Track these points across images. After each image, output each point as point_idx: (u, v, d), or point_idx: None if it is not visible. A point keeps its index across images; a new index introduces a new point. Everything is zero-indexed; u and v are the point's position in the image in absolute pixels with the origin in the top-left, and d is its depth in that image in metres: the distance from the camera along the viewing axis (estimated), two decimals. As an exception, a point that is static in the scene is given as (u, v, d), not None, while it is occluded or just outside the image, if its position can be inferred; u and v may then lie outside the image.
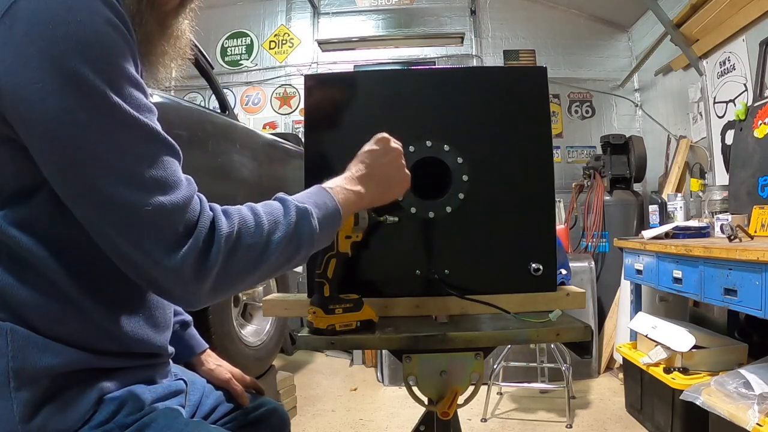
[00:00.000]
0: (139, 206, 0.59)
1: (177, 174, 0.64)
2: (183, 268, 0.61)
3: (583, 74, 4.81)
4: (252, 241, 0.67)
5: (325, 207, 0.77)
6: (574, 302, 1.05)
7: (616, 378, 3.12)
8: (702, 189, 3.17)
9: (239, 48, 5.02)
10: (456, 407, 0.96)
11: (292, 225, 0.71)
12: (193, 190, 0.65)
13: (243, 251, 0.66)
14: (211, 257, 0.62)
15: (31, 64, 0.55)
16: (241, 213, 0.68)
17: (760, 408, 1.54)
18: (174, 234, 0.61)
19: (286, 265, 0.73)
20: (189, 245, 0.61)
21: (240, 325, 2.34)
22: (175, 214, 0.61)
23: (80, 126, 0.57)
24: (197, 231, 0.62)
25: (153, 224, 0.60)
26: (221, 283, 0.65)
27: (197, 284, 0.62)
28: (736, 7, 3.05)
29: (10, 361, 0.60)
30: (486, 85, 1.06)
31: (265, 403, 1.01)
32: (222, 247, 0.63)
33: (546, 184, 1.05)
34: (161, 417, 0.71)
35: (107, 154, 0.58)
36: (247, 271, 0.67)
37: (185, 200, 0.62)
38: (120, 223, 0.60)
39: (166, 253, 0.60)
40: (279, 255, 0.70)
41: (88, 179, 0.58)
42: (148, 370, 0.76)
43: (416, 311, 1.03)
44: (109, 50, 0.59)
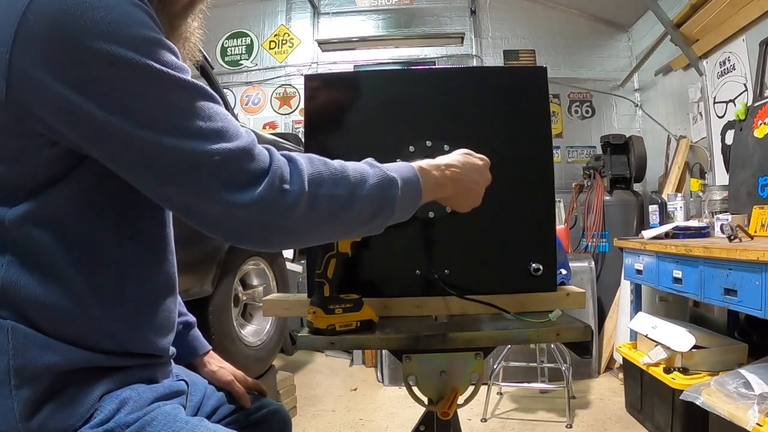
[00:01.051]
0: (209, 155, 0.60)
1: (233, 124, 0.64)
2: (268, 197, 0.61)
3: (583, 74, 4.81)
4: (336, 189, 0.67)
5: (410, 183, 0.77)
6: (574, 302, 1.05)
7: (616, 378, 3.12)
8: (702, 189, 3.17)
9: (239, 48, 5.02)
10: (456, 407, 0.96)
11: (377, 187, 0.71)
12: (252, 137, 0.65)
13: (325, 194, 0.66)
14: (291, 194, 0.63)
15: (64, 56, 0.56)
16: (326, 160, 0.69)
17: (760, 408, 1.53)
18: (250, 172, 0.62)
19: (363, 227, 0.73)
20: (266, 182, 0.62)
21: (240, 325, 2.34)
22: (243, 157, 0.62)
23: (134, 101, 0.58)
24: (272, 169, 0.63)
25: (225, 169, 0.60)
26: (303, 223, 0.65)
27: (288, 211, 0.63)
28: (736, 7, 3.05)
29: (11, 359, 0.60)
30: (486, 85, 1.06)
31: (267, 404, 1.01)
32: (304, 185, 0.64)
33: (546, 184, 1.05)
34: (162, 416, 0.71)
35: (167, 116, 0.59)
36: (328, 216, 0.67)
37: (250, 144, 0.63)
38: (193, 177, 0.60)
39: (249, 189, 0.61)
40: (360, 212, 0.70)
41: (154, 144, 0.59)
42: (149, 370, 0.76)
43: (416, 311, 1.03)
44: (140, 25, 0.59)
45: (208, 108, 0.63)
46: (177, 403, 0.78)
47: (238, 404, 0.96)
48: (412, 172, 0.78)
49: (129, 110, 0.58)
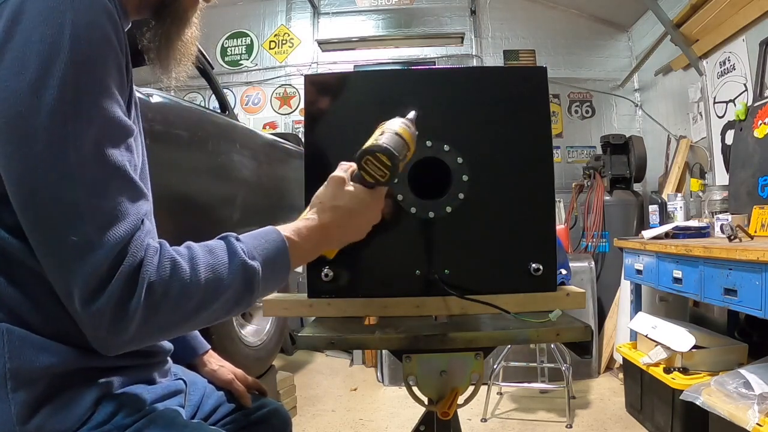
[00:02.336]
0: (66, 234, 0.56)
1: (122, 206, 0.59)
2: (99, 316, 0.57)
3: (583, 74, 4.81)
4: (182, 295, 0.60)
5: (277, 266, 0.70)
6: (574, 302, 1.05)
7: (616, 378, 3.12)
8: (702, 189, 3.17)
9: (239, 48, 5.02)
10: (456, 407, 0.96)
11: (235, 284, 0.65)
12: (134, 227, 0.59)
13: (170, 304, 0.60)
14: (130, 309, 0.57)
15: (5, 65, 0.55)
16: (176, 262, 0.61)
17: (760, 408, 1.53)
18: (95, 275, 0.56)
19: (219, 320, 0.68)
20: (108, 291, 0.56)
21: (240, 325, 2.34)
22: (101, 254, 0.56)
23: (35, 134, 0.55)
24: (118, 275, 0.56)
25: (76, 257, 0.56)
26: (143, 334, 0.60)
27: (112, 335, 0.58)
28: (736, 7, 3.05)
29: (6, 362, 0.60)
30: (486, 85, 1.06)
31: (267, 403, 1.01)
32: (143, 299, 0.57)
33: (546, 184, 1.05)
34: (160, 418, 0.70)
35: (50, 170, 0.55)
36: (175, 322, 0.62)
37: (120, 239, 0.57)
38: (46, 247, 0.57)
39: (84, 295, 0.56)
40: (212, 314, 0.65)
41: (27, 188, 0.56)
42: (147, 369, 0.76)
43: (416, 311, 1.03)
44: (85, 60, 0.56)
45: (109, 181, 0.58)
46: (175, 402, 0.78)
47: (237, 403, 0.97)
48: (281, 250, 0.70)
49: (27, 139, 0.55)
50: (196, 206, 1.84)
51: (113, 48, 0.60)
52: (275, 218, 2.68)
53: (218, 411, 0.93)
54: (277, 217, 2.51)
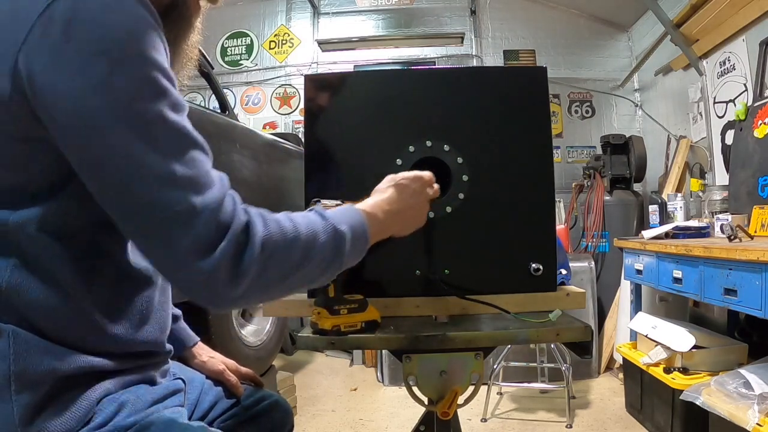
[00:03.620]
0: (170, 206, 0.58)
1: (209, 173, 0.63)
2: (216, 272, 0.59)
3: (583, 74, 4.80)
4: (287, 252, 0.66)
5: (360, 235, 0.76)
6: (574, 302, 1.05)
7: (616, 378, 3.12)
8: (702, 189, 3.17)
9: (239, 48, 5.02)
10: (456, 407, 0.96)
11: (328, 245, 0.70)
12: (225, 190, 0.64)
13: (277, 260, 0.65)
14: (245, 262, 0.61)
15: (67, 65, 0.56)
16: (280, 221, 0.67)
17: (760, 408, 1.53)
18: (206, 236, 0.59)
19: (312, 283, 0.74)
20: (222, 248, 0.60)
21: (240, 325, 2.34)
22: (207, 215, 0.60)
23: (112, 125, 0.57)
24: (230, 233, 0.61)
25: (184, 225, 0.59)
26: (252, 290, 0.64)
27: (229, 289, 0.61)
28: (736, 7, 3.05)
29: (11, 365, 0.60)
30: (486, 85, 1.06)
31: (266, 396, 1.01)
32: (257, 252, 0.62)
33: (546, 184, 1.05)
34: (161, 420, 0.70)
35: (138, 153, 0.58)
36: (278, 280, 0.66)
37: (217, 200, 0.61)
38: (150, 224, 0.59)
39: (199, 256, 0.59)
40: (309, 273, 0.69)
41: (119, 178, 0.58)
42: (148, 370, 0.76)
43: (416, 311, 1.03)
44: (144, 49, 0.59)
45: (184, 150, 0.61)
46: (175, 401, 0.78)
47: (236, 398, 0.96)
48: (361, 221, 0.78)
49: (104, 136, 0.57)
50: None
51: (161, 40, 0.62)
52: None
53: (217, 406, 0.93)
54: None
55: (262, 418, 0.97)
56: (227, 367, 1.00)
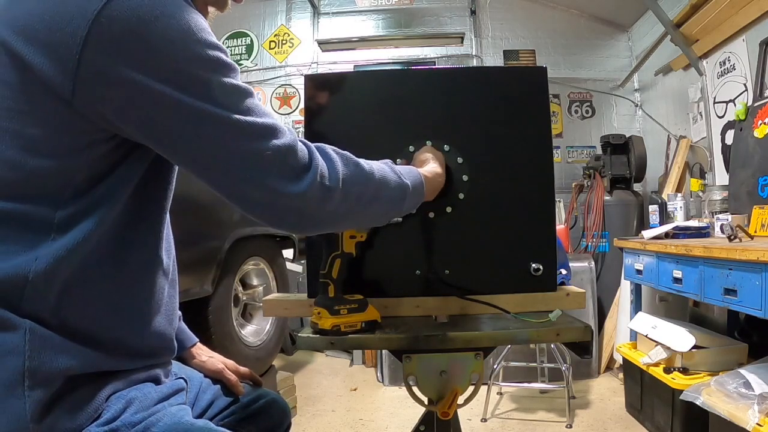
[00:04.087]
0: (262, 151, 0.68)
1: (279, 122, 0.72)
2: (311, 190, 0.70)
3: (583, 74, 4.80)
4: (364, 188, 0.79)
5: (417, 192, 0.90)
6: (574, 302, 1.05)
7: (616, 378, 3.12)
8: (702, 189, 3.17)
9: (239, 48, 5.02)
10: (456, 407, 0.96)
11: (395, 191, 0.84)
12: (294, 134, 0.73)
13: (356, 194, 0.77)
14: (330, 187, 0.73)
15: (140, 60, 0.60)
16: (358, 163, 0.80)
17: (760, 408, 1.53)
18: (296, 167, 0.70)
19: (375, 221, 0.87)
20: (310, 174, 0.71)
21: (240, 325, 2.34)
22: (291, 152, 0.70)
23: (195, 103, 0.63)
24: (314, 165, 0.72)
25: (276, 163, 0.68)
26: (338, 210, 0.75)
27: (321, 206, 0.73)
28: (736, 7, 3.05)
29: (26, 360, 0.61)
30: (486, 85, 1.06)
31: (264, 394, 1.02)
32: (340, 181, 0.74)
33: (546, 184, 1.05)
34: (167, 417, 0.71)
35: (224, 117, 0.65)
36: (353, 211, 0.79)
37: (294, 141, 0.71)
38: (247, 171, 0.67)
39: (292, 184, 0.69)
40: (377, 209, 0.83)
41: (212, 142, 0.65)
42: (155, 369, 0.77)
43: (416, 311, 1.03)
44: (202, 33, 0.64)
45: (257, 107, 0.70)
46: (180, 400, 0.79)
47: (234, 396, 0.97)
48: (420, 181, 0.91)
49: (189, 115, 0.64)
50: (196, 206, 1.84)
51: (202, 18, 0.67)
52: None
53: (214, 404, 0.94)
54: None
55: (259, 416, 0.98)
56: (227, 366, 1.01)
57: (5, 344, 0.61)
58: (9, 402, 0.59)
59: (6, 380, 0.60)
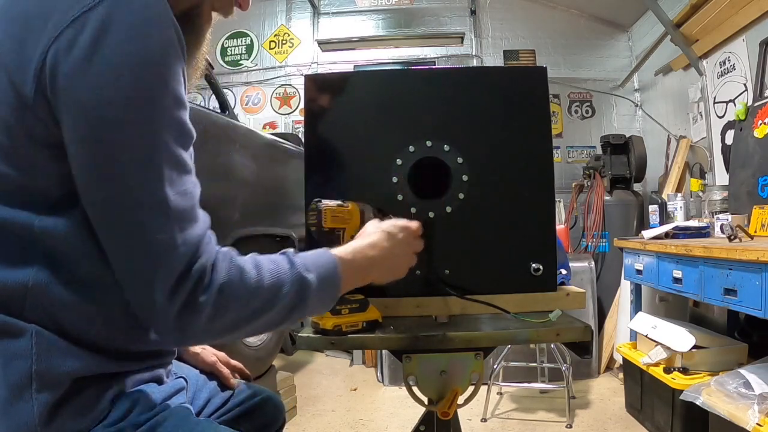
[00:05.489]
0: (154, 231, 0.59)
1: (195, 208, 0.64)
2: (170, 308, 0.60)
3: (583, 74, 4.80)
4: (246, 301, 0.65)
5: (329, 283, 0.75)
6: (574, 302, 1.05)
7: (616, 378, 3.12)
8: (702, 189, 3.17)
9: (239, 48, 5.02)
10: (456, 407, 0.96)
11: (291, 294, 0.69)
12: (205, 229, 0.65)
13: (233, 307, 0.64)
14: (200, 306, 0.61)
15: (92, 73, 0.57)
16: (243, 268, 0.66)
17: (760, 408, 1.53)
18: (174, 271, 0.60)
19: (271, 329, 0.73)
20: (182, 289, 0.60)
21: (240, 325, 2.33)
22: (183, 251, 0.61)
23: (122, 141, 0.58)
24: (194, 272, 0.61)
25: (159, 255, 0.60)
26: (204, 333, 0.64)
27: (179, 331, 0.62)
28: (736, 7, 3.05)
29: (33, 364, 0.61)
30: (486, 85, 1.06)
31: (259, 392, 1.02)
32: (212, 299, 0.62)
33: (546, 184, 1.05)
34: (173, 416, 0.72)
35: (139, 172, 0.59)
36: (232, 327, 0.66)
37: (196, 239, 0.62)
38: (130, 243, 0.60)
39: (161, 288, 0.60)
40: (268, 320, 0.69)
41: (115, 191, 0.59)
42: (157, 370, 0.78)
43: (416, 311, 1.03)
44: (167, 77, 0.60)
45: (183, 183, 0.62)
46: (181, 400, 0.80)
47: (230, 389, 0.98)
48: (333, 268, 0.75)
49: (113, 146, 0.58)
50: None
51: (182, 62, 0.64)
52: (275, 218, 2.69)
53: (211, 402, 0.95)
54: (277, 217, 2.51)
55: (254, 413, 0.99)
56: (218, 359, 1.01)
57: (12, 348, 0.61)
58: (17, 405, 0.60)
59: (14, 384, 0.60)
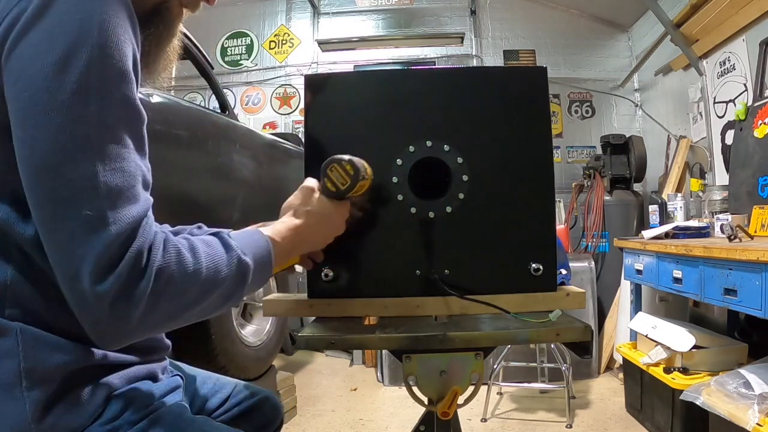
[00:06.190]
0: (81, 207, 0.55)
1: (133, 189, 0.59)
2: (104, 296, 0.55)
3: (583, 74, 4.81)
4: (184, 287, 0.61)
5: (264, 266, 0.73)
6: (574, 302, 1.05)
7: (616, 378, 3.12)
8: (702, 189, 3.17)
9: (239, 48, 5.02)
10: (456, 407, 0.96)
11: (230, 278, 0.67)
12: (145, 210, 0.60)
13: (171, 294, 0.60)
14: (137, 293, 0.57)
15: (32, 47, 0.56)
16: (180, 252, 0.61)
17: (760, 408, 1.54)
18: (105, 255, 0.55)
19: (209, 315, 0.70)
20: (115, 274, 0.55)
21: (240, 325, 2.34)
22: (113, 231, 0.56)
23: (54, 112, 0.55)
24: (128, 255, 0.56)
25: (88, 233, 0.55)
26: (141, 325, 0.59)
27: (112, 320, 0.57)
28: (736, 7, 3.05)
29: (21, 362, 0.60)
30: (486, 85, 1.06)
31: (257, 392, 1.02)
32: (150, 286, 0.57)
33: (546, 184, 1.05)
34: (168, 414, 0.72)
35: (69, 146, 0.56)
36: (169, 318, 0.62)
37: (131, 219, 0.57)
38: (57, 219, 0.56)
39: (92, 272, 0.55)
40: (205, 307, 0.66)
41: (44, 164, 0.56)
42: (151, 366, 0.77)
43: (416, 311, 1.03)
44: (109, 45, 0.58)
45: (119, 157, 0.58)
46: (178, 398, 0.79)
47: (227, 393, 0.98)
48: (267, 248, 0.74)
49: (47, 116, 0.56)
50: (196, 206, 1.84)
51: (132, 42, 0.62)
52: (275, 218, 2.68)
53: (209, 402, 0.94)
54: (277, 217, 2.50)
55: (252, 413, 0.99)
56: None
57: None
58: (9, 404, 0.60)
59: (3, 383, 0.60)
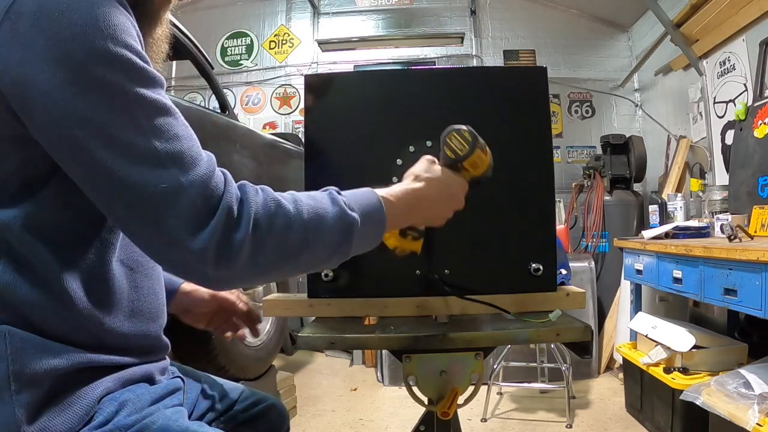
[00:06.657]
0: (154, 185, 0.57)
1: (194, 149, 0.61)
2: (205, 251, 0.58)
3: (583, 74, 4.81)
4: (285, 233, 0.63)
5: (374, 222, 0.73)
6: (574, 302, 1.05)
7: (616, 378, 3.12)
8: (702, 189, 3.17)
9: (239, 48, 5.02)
10: (456, 407, 0.96)
11: (334, 230, 0.67)
12: (213, 166, 0.62)
13: (273, 241, 0.62)
14: (236, 241, 0.59)
15: (39, 56, 0.56)
16: (281, 201, 0.64)
17: (760, 408, 1.53)
18: (194, 214, 0.58)
19: (315, 268, 0.71)
20: (212, 226, 0.58)
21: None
22: (194, 192, 0.58)
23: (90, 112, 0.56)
24: (220, 211, 0.59)
25: (171, 204, 0.58)
26: (245, 272, 0.62)
27: (219, 269, 0.60)
28: (736, 7, 3.05)
29: (9, 365, 0.60)
30: (486, 85, 1.06)
31: (263, 399, 1.01)
32: (249, 231, 0.60)
33: (546, 184, 1.05)
34: (161, 419, 0.70)
35: (117, 133, 0.57)
36: (275, 262, 0.64)
37: (204, 177, 0.60)
38: (135, 205, 0.58)
39: (188, 235, 0.58)
40: (312, 256, 0.67)
41: (99, 161, 0.57)
42: (148, 367, 0.76)
43: (416, 311, 1.03)
44: (114, 31, 0.58)
45: (165, 126, 0.60)
46: (175, 401, 0.77)
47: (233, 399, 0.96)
48: (376, 208, 0.73)
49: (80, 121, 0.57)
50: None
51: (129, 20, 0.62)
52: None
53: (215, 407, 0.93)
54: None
55: (257, 420, 0.97)
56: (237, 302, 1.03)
57: None
58: None
59: None
